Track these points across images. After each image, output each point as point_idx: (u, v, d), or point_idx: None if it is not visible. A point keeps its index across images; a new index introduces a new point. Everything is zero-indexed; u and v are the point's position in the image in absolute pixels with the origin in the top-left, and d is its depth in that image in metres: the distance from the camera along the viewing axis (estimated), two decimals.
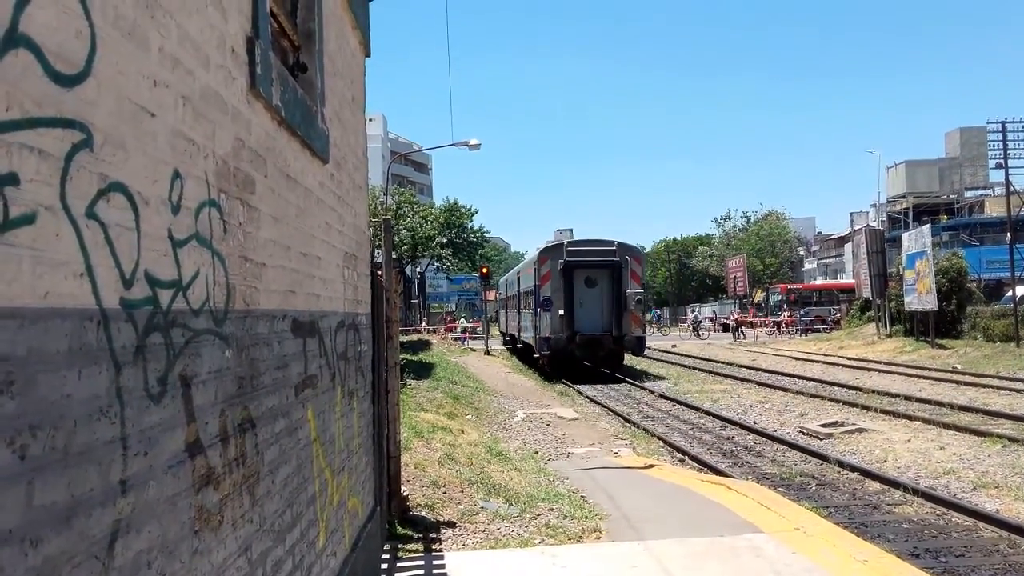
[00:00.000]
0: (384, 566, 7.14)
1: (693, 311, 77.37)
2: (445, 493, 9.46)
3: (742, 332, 55.51)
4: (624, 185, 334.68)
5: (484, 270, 46.11)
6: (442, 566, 7.07)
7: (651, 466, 12.27)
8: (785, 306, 64.36)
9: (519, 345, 39.73)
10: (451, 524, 8.36)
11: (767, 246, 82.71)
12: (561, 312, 29.19)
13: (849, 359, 33.49)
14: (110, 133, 2.13)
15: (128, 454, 2.14)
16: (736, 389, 24.34)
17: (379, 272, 8.30)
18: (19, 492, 1.63)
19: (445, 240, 61.11)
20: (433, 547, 7.68)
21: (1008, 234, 35.47)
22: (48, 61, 1.82)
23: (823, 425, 16.55)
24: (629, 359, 32.20)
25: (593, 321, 29.73)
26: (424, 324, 58.08)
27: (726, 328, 54.56)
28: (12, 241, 1.65)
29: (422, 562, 7.21)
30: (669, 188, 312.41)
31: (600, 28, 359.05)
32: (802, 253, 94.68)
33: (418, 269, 66.57)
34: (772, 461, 13.79)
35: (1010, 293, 35.42)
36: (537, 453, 13.82)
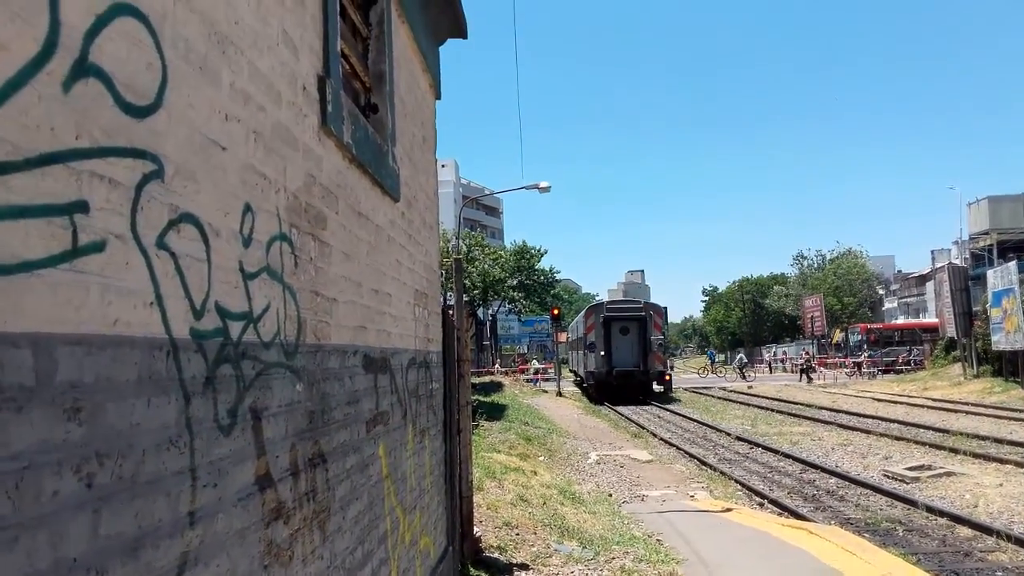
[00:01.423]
0: None
1: (765, 353, 75.77)
2: (518, 535, 9.33)
3: (817, 372, 53.80)
4: (696, 223, 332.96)
5: (555, 311, 46.04)
6: None
7: (729, 510, 11.94)
8: (865, 346, 62.49)
9: (577, 379, 48.70)
10: (524, 567, 8.23)
11: (845, 285, 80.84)
12: (603, 353, 38.43)
13: (934, 400, 32.30)
14: (181, 165, 2.15)
15: (197, 485, 2.13)
16: (816, 431, 23.63)
17: (450, 312, 8.31)
18: (84, 521, 1.62)
19: (516, 282, 61.20)
20: None
21: None
22: (119, 91, 1.84)
23: (909, 468, 15.94)
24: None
25: (625, 359, 38.57)
26: (497, 366, 58.04)
27: (807, 370, 52.56)
28: (81, 268, 1.66)
29: None
30: (743, 227, 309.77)
31: (670, 72, 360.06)
32: (881, 292, 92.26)
33: (490, 311, 66.72)
34: (856, 506, 13.30)
35: None
36: (611, 495, 13.58)
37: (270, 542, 2.64)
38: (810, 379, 50.41)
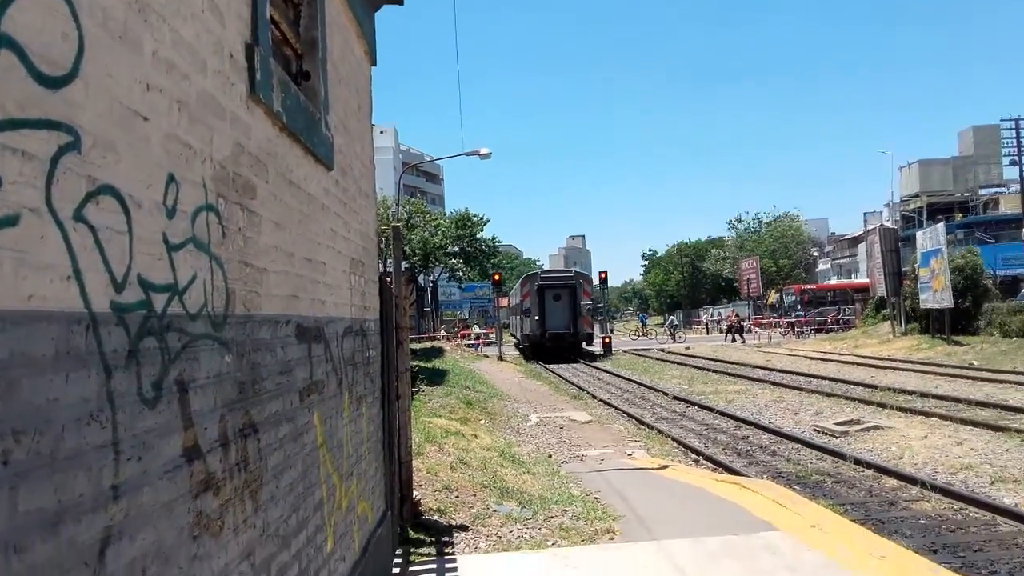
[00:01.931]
0: (396, 571, 7.12)
1: (702, 314, 76.94)
2: (458, 497, 9.43)
3: (752, 332, 54.57)
4: (635, 188, 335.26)
5: (496, 277, 46.47)
6: (454, 569, 7.03)
7: (665, 467, 12.20)
8: (799, 306, 63.84)
9: (516, 342, 51.92)
10: (463, 528, 8.33)
11: (780, 247, 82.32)
12: (537, 317, 42.38)
13: (864, 357, 33.24)
14: (100, 136, 2.11)
15: (120, 459, 2.12)
16: (751, 389, 24.18)
17: (388, 280, 8.28)
18: (2, 498, 1.61)
19: (457, 249, 61.07)
20: (445, 551, 7.65)
21: (1023, 230, 35.10)
22: (32, 62, 1.80)
23: (839, 423, 16.44)
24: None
25: (557, 323, 42.47)
26: (442, 332, 58.04)
27: (738, 330, 53.30)
28: None
29: (434, 565, 7.18)
30: (681, 192, 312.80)
31: (609, 34, 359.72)
32: (816, 254, 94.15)
33: (431, 278, 66.55)
34: (787, 460, 13.69)
35: None
36: (551, 456, 13.77)
37: (199, 513, 2.65)
38: (743, 339, 51.19)
